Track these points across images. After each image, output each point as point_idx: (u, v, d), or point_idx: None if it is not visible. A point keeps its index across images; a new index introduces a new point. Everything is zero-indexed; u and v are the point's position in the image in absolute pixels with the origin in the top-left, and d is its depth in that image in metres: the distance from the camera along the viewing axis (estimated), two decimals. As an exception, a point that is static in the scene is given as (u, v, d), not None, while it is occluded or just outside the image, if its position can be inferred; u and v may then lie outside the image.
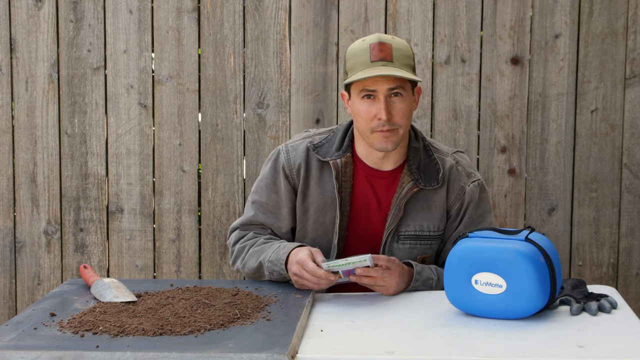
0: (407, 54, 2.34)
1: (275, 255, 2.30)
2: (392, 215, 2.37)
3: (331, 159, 2.40)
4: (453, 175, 2.42)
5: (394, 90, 2.29)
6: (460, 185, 2.42)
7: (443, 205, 2.41)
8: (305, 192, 2.43)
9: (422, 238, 2.41)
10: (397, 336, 1.89)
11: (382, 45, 2.30)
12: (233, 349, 1.72)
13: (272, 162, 2.47)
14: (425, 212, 2.40)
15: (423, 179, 2.38)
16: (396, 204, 2.37)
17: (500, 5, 3.19)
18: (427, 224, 2.41)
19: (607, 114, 3.21)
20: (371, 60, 2.29)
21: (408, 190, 2.37)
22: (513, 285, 1.95)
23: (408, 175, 2.38)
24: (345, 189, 2.40)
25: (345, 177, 2.40)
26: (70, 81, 3.34)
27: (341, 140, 2.43)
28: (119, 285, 2.16)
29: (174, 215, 3.35)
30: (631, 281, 3.26)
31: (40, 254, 3.40)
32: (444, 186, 2.41)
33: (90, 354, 1.72)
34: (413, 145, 2.42)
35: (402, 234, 2.39)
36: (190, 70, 3.31)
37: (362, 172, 2.42)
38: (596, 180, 3.23)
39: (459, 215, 2.43)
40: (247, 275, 2.43)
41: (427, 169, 2.40)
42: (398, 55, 2.31)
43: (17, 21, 3.33)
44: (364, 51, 2.32)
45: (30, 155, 3.37)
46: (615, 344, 1.82)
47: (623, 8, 3.16)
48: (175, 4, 3.28)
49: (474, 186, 2.43)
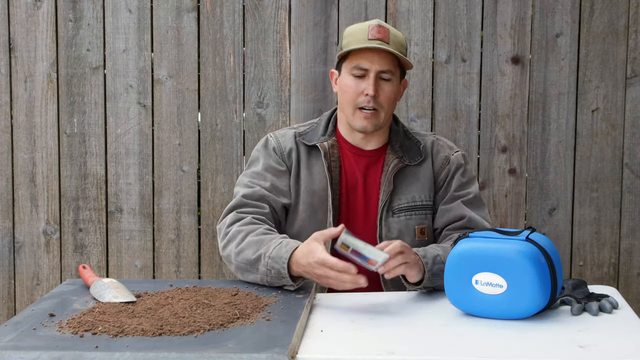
0: (402, 43, 2.48)
1: (277, 252, 2.20)
2: (384, 191, 2.46)
3: (318, 142, 2.51)
4: (435, 148, 2.55)
5: (384, 74, 2.42)
6: (444, 155, 2.54)
7: (430, 175, 2.51)
8: (297, 174, 2.51)
9: (416, 208, 2.50)
10: (397, 336, 1.89)
11: (381, 27, 2.43)
12: (233, 349, 1.72)
13: (261, 148, 2.54)
14: (414, 184, 2.50)
15: (407, 156, 2.51)
16: (386, 178, 2.47)
17: (500, 4, 3.19)
18: (418, 194, 2.50)
19: (608, 114, 3.20)
20: (368, 38, 2.41)
21: (394, 166, 2.48)
22: (514, 286, 1.95)
23: (392, 154, 2.50)
24: (335, 169, 2.49)
25: (333, 157, 2.50)
26: (70, 81, 3.33)
27: (325, 126, 2.56)
28: (118, 286, 2.15)
29: (174, 215, 3.34)
30: (632, 281, 3.25)
31: (39, 254, 3.40)
32: (428, 159, 2.53)
33: (90, 354, 1.71)
34: (394, 128, 2.56)
35: (395, 207, 2.48)
36: (189, 69, 3.30)
37: (347, 152, 2.52)
38: (597, 180, 3.22)
39: (446, 181, 2.52)
40: (236, 266, 2.31)
41: (409, 148, 2.53)
42: (394, 40, 2.44)
43: (16, 20, 3.33)
44: (362, 31, 2.43)
45: (29, 155, 3.37)
46: (616, 345, 1.81)
47: (624, 7, 3.16)
48: (175, 4, 3.28)
49: (459, 154, 2.56)
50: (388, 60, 2.41)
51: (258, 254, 2.25)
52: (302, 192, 2.49)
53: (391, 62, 2.42)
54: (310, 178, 2.49)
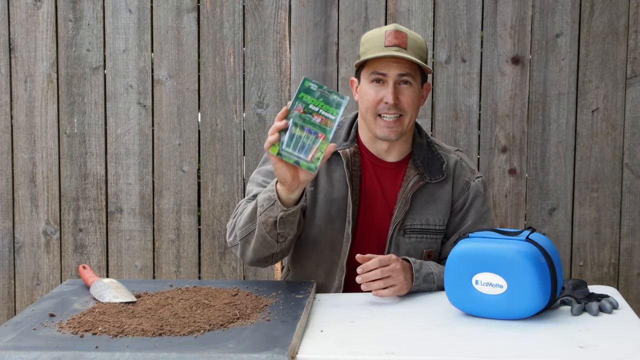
0: (421, 47, 2.38)
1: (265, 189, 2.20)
2: (399, 208, 2.38)
3: (340, 148, 2.41)
4: (458, 170, 2.44)
5: (404, 78, 2.32)
6: (465, 180, 2.44)
7: (448, 199, 2.42)
8: (315, 179, 2.40)
9: (428, 232, 2.41)
10: (397, 336, 1.89)
11: (398, 32, 2.33)
12: (233, 350, 1.72)
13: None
14: (431, 206, 2.41)
15: (428, 173, 2.40)
16: (403, 196, 2.38)
17: (500, 4, 3.19)
18: (432, 217, 2.41)
19: (608, 114, 3.20)
20: (385, 45, 2.32)
21: (414, 183, 2.38)
22: (514, 286, 1.95)
23: (413, 169, 2.40)
24: (356, 178, 2.41)
25: (354, 167, 2.41)
26: (70, 81, 3.33)
27: (348, 131, 2.45)
28: (118, 286, 2.15)
29: (174, 216, 3.34)
30: (632, 281, 3.25)
31: (39, 254, 3.40)
32: (449, 181, 2.42)
33: (90, 354, 1.71)
34: (417, 140, 2.45)
35: (408, 227, 2.39)
36: (189, 69, 3.30)
37: (368, 162, 2.43)
38: (597, 180, 3.22)
39: (463, 209, 2.43)
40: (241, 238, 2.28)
41: (432, 164, 2.42)
42: (412, 45, 2.34)
43: (16, 20, 3.33)
44: (379, 36, 2.34)
45: (29, 155, 3.37)
46: (616, 345, 1.81)
47: (624, 7, 3.16)
48: (175, 4, 3.28)
49: (479, 181, 2.46)
50: (407, 64, 2.32)
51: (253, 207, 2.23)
52: (320, 200, 2.41)
53: (410, 66, 2.32)
54: (330, 185, 2.41)
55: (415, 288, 2.23)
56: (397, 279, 2.17)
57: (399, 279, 2.17)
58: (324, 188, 2.41)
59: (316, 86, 2.02)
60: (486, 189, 2.48)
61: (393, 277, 2.16)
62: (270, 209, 2.17)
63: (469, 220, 2.43)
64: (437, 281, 2.27)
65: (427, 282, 2.26)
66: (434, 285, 2.26)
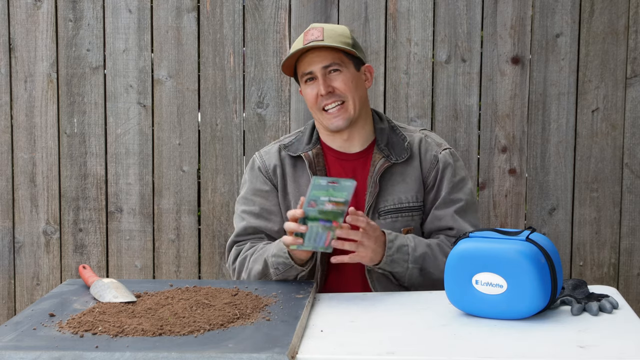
0: (342, 33, 2.43)
1: (277, 248, 2.30)
2: (370, 193, 2.42)
3: (302, 152, 2.48)
4: (423, 146, 2.50)
5: (331, 68, 2.40)
6: (432, 154, 2.48)
7: (418, 176, 2.47)
8: (284, 190, 2.49)
9: (402, 210, 2.45)
10: (397, 336, 1.89)
11: (313, 29, 2.41)
12: (233, 349, 1.72)
13: (249, 169, 2.56)
14: (401, 185, 2.46)
15: (393, 153, 2.45)
16: (371, 180, 2.43)
17: (500, 4, 3.19)
18: (404, 195, 2.46)
19: (608, 114, 3.20)
20: (303, 44, 2.39)
21: (380, 166, 2.43)
22: (514, 286, 1.95)
23: (378, 153, 2.45)
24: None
25: (319, 166, 2.47)
26: (70, 81, 3.33)
27: (310, 135, 2.53)
28: (118, 286, 2.15)
29: (174, 216, 3.34)
30: (632, 281, 3.25)
31: (39, 254, 3.40)
32: (416, 158, 2.47)
33: (90, 354, 1.71)
34: (378, 126, 2.51)
35: (381, 209, 2.44)
36: (189, 69, 3.30)
37: (333, 158, 2.49)
38: (597, 180, 3.22)
39: (436, 182, 2.47)
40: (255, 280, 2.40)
41: (395, 144, 2.48)
42: (330, 34, 2.40)
43: (16, 20, 3.33)
44: (299, 40, 2.42)
45: (29, 155, 3.37)
46: (617, 345, 1.81)
47: (624, 7, 3.16)
48: (175, 4, 3.28)
49: (447, 153, 2.50)
50: (329, 54, 2.39)
51: (264, 262, 2.34)
52: (292, 206, 2.47)
53: (333, 55, 2.39)
54: (298, 190, 2.47)
55: (389, 259, 2.27)
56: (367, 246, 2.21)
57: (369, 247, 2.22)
58: (293, 196, 2.48)
59: (325, 181, 2.09)
60: (457, 160, 2.52)
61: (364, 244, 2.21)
62: (287, 271, 2.30)
63: (442, 191, 2.46)
64: (412, 253, 2.30)
65: (400, 253, 2.29)
66: (408, 256, 2.30)
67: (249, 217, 2.49)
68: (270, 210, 2.48)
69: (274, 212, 2.48)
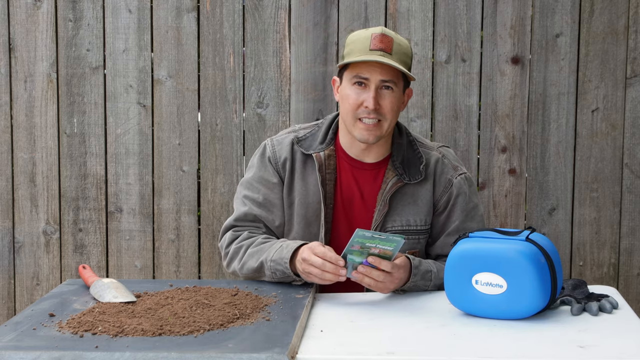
0: (406, 52, 2.37)
1: (278, 255, 2.26)
2: (378, 211, 2.38)
3: (314, 151, 2.42)
4: (439, 168, 2.44)
5: (386, 83, 2.32)
6: (447, 178, 2.43)
7: (430, 199, 2.42)
8: (290, 185, 2.45)
9: (409, 233, 2.41)
10: (397, 336, 1.89)
11: (384, 36, 2.32)
12: (233, 349, 1.72)
13: (259, 156, 2.50)
14: (411, 207, 2.41)
15: (407, 173, 2.40)
16: (382, 199, 2.38)
17: (500, 4, 3.19)
18: (413, 218, 2.41)
19: (608, 114, 3.20)
20: (370, 49, 2.31)
21: (393, 185, 2.38)
22: (514, 286, 1.95)
23: (392, 170, 2.40)
24: (330, 182, 2.41)
25: (329, 170, 2.42)
26: (69, 81, 3.33)
27: (325, 133, 2.46)
28: (118, 286, 2.15)
29: (174, 216, 3.34)
30: (632, 281, 3.25)
31: (39, 254, 3.40)
32: (430, 180, 2.42)
33: (90, 354, 1.71)
34: (397, 141, 2.44)
35: (389, 229, 2.39)
36: (189, 69, 3.30)
37: (345, 163, 2.44)
38: (597, 180, 3.22)
39: (447, 209, 2.43)
40: (244, 276, 2.38)
41: (411, 164, 2.42)
42: (397, 50, 2.33)
43: (16, 20, 3.33)
44: (364, 39, 2.34)
45: (29, 155, 3.37)
46: (616, 345, 1.81)
47: (624, 7, 3.16)
48: (175, 4, 3.28)
49: (462, 179, 2.44)
50: (390, 70, 2.32)
51: (260, 262, 2.30)
52: (297, 205, 2.43)
53: (394, 72, 2.32)
54: (304, 190, 2.43)
55: (412, 284, 2.23)
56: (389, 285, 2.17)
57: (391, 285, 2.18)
58: (299, 193, 2.44)
59: (370, 233, 2.08)
60: (471, 185, 2.46)
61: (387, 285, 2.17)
62: (284, 278, 2.27)
63: (455, 219, 2.42)
64: (435, 280, 2.27)
65: (424, 280, 2.26)
66: (430, 282, 2.26)
67: (251, 204, 2.44)
68: (274, 202, 2.45)
69: (276, 205, 2.45)
